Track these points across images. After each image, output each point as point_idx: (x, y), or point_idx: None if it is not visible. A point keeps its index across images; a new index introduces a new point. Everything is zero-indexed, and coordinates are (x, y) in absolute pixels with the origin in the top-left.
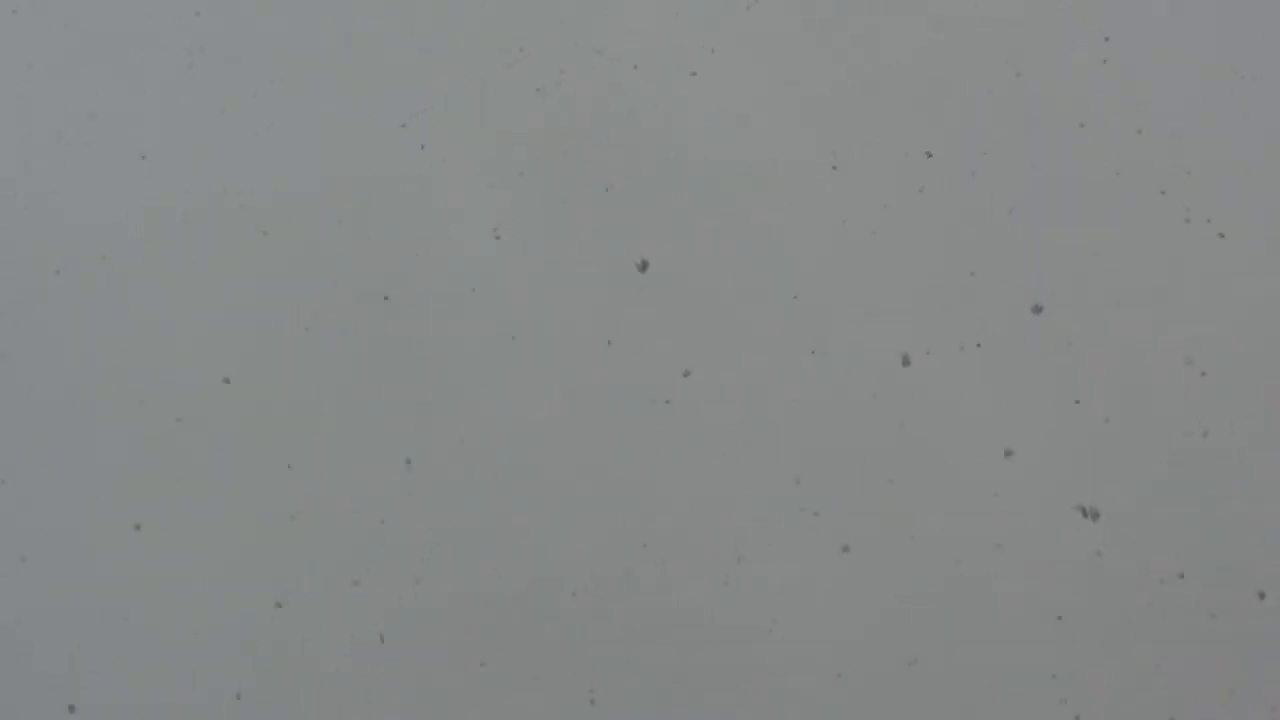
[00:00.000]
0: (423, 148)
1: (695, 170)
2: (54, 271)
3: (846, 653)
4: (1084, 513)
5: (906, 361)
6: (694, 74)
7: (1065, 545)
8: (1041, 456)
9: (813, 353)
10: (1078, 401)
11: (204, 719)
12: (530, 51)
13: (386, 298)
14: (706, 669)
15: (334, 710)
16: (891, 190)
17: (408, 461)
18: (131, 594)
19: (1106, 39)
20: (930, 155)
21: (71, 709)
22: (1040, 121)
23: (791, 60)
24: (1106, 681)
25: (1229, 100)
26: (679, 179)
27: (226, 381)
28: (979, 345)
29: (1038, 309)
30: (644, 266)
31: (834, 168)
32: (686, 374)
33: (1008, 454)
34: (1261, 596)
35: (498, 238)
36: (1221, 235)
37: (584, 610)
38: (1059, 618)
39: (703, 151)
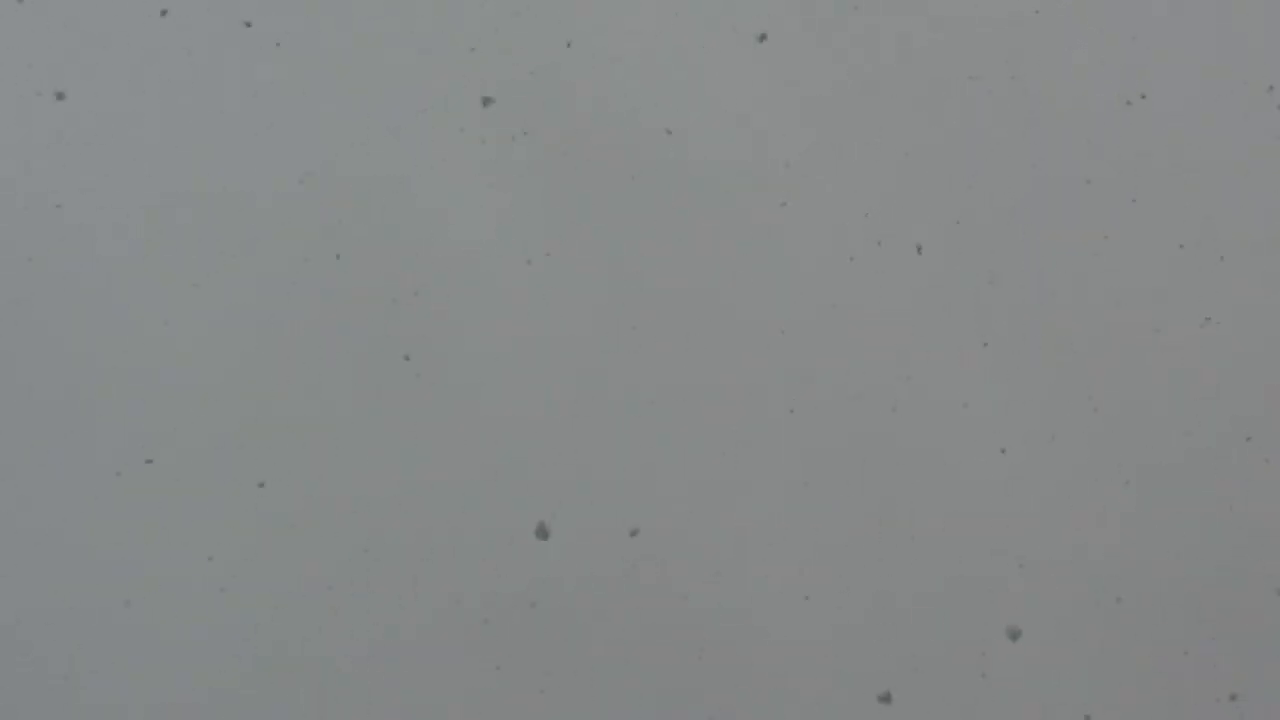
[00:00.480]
0: (423, 148)
1: (695, 170)
2: (54, 272)
3: (846, 653)
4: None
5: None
6: (694, 74)
7: (1071, 550)
8: (1039, 455)
9: (814, 353)
10: (1088, 395)
11: (204, 719)
12: (530, 52)
13: (387, 298)
14: (706, 669)
15: (334, 710)
16: (891, 189)
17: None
18: (131, 594)
19: (1108, 40)
20: (929, 157)
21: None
22: (1040, 122)
23: (791, 60)
24: (1108, 685)
25: (1231, 101)
26: (679, 179)
27: (226, 381)
28: (984, 345)
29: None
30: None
31: (817, 178)
32: (686, 373)
33: (1003, 452)
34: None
35: (498, 238)
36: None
37: (584, 610)
38: (1063, 620)
39: (703, 151)
